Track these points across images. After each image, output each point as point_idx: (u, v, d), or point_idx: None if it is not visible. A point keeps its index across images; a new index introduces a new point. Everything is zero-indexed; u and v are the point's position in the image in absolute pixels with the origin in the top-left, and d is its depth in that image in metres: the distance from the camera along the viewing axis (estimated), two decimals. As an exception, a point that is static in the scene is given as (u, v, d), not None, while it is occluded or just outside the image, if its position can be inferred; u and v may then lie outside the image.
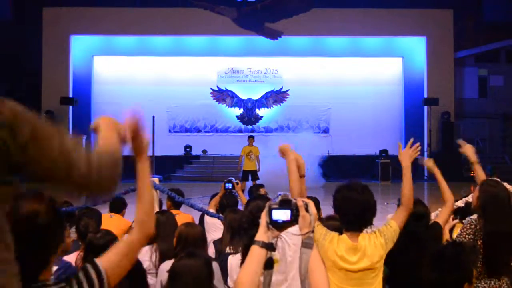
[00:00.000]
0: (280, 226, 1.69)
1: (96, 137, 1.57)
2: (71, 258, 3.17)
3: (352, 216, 2.58)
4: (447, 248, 2.19)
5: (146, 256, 3.55)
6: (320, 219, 4.83)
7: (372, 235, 2.63)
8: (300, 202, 1.72)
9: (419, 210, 3.15)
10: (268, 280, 1.74)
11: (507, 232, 2.99)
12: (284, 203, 1.69)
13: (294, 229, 1.78)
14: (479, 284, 2.97)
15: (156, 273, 3.42)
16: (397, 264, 2.92)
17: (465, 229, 3.07)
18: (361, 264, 2.53)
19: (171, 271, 2.45)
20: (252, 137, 13.86)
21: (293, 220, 1.69)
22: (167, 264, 3.22)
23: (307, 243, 1.74)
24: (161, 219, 3.89)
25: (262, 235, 1.69)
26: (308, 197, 5.06)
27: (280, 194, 1.72)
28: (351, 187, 2.65)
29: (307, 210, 1.73)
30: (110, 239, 2.88)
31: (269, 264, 1.72)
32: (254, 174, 13.17)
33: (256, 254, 1.68)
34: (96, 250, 2.80)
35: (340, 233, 2.61)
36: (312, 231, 1.75)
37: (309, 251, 1.73)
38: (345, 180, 2.83)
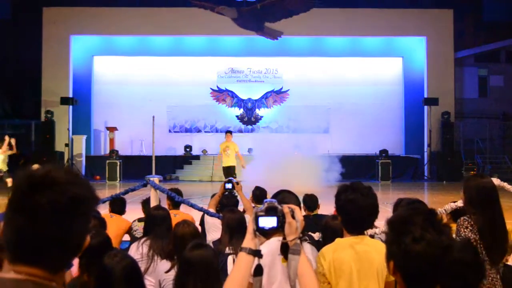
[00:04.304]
0: (267, 233, 1.71)
1: None
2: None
3: (357, 219, 2.47)
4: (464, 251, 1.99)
5: (137, 254, 3.49)
6: (318, 215, 4.84)
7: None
8: (286, 209, 1.73)
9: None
10: (257, 287, 1.75)
11: (499, 220, 3.01)
12: (271, 210, 1.70)
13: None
14: None
15: (147, 269, 3.38)
16: None
17: (461, 226, 3.07)
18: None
19: (183, 261, 2.47)
20: (230, 132, 13.45)
21: (280, 227, 1.70)
22: (164, 265, 3.21)
23: (295, 250, 1.74)
24: (157, 215, 3.81)
25: (249, 242, 1.70)
26: (307, 195, 5.09)
27: (266, 201, 1.73)
28: (355, 188, 2.50)
29: (293, 216, 1.74)
30: (101, 240, 2.82)
31: (258, 271, 1.73)
32: (232, 170, 12.51)
33: (243, 261, 1.70)
34: (88, 250, 2.77)
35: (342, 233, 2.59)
36: (299, 238, 1.75)
37: (297, 257, 1.74)
38: (346, 180, 2.82)
